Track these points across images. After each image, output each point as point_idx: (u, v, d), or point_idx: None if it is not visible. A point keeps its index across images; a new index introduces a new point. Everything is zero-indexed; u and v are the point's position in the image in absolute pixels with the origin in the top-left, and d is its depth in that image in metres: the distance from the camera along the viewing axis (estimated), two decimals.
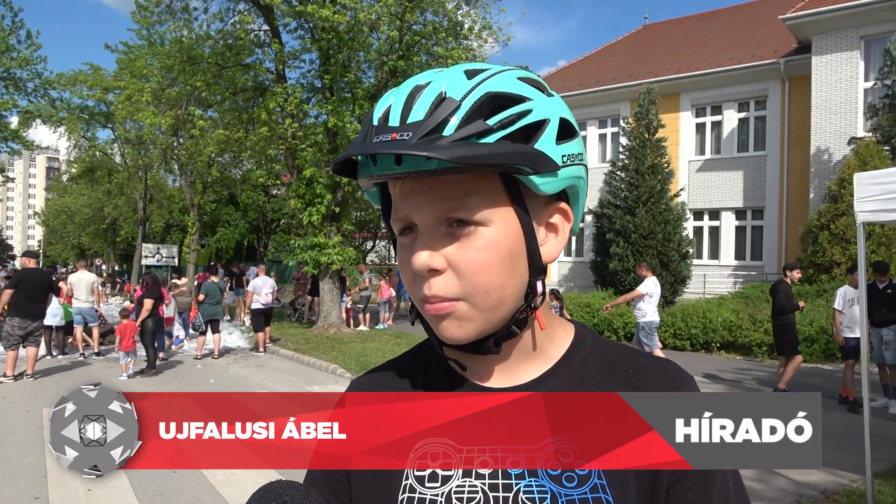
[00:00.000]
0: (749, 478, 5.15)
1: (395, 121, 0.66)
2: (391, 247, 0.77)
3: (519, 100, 0.68)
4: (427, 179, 0.66)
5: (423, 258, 0.67)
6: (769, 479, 5.14)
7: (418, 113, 0.65)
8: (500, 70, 0.70)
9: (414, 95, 0.67)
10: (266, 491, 0.66)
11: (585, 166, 0.76)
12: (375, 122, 0.67)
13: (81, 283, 11.46)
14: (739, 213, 18.77)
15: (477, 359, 0.76)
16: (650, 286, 9.03)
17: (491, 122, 0.65)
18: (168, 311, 12.20)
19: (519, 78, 0.70)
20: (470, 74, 0.68)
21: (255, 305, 12.34)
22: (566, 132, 0.71)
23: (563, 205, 0.75)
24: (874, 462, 4.45)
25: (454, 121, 0.64)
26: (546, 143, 0.68)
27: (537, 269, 0.72)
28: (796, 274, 8.70)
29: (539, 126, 0.68)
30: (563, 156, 0.70)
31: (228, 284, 17.88)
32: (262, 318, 12.41)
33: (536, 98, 0.69)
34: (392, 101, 0.68)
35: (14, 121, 27.77)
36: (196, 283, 17.69)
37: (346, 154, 0.67)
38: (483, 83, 0.67)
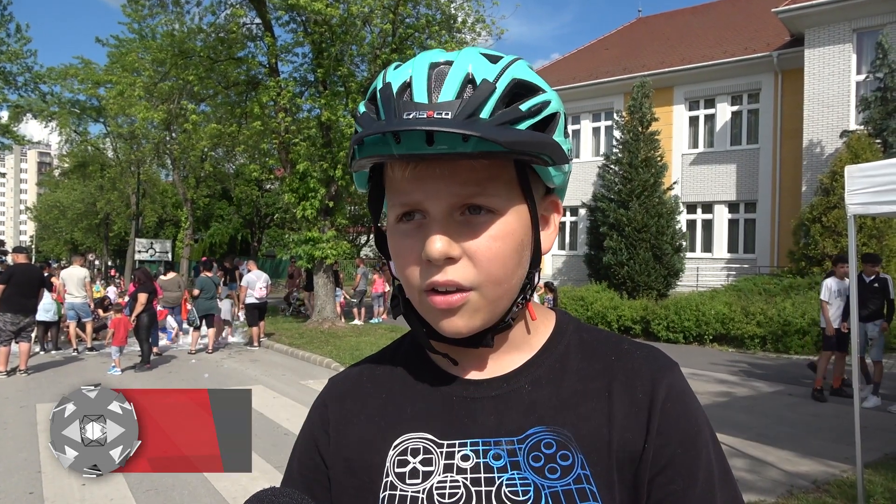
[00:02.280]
0: (740, 468, 5.19)
1: (421, 97, 0.63)
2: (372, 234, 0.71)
3: (538, 90, 0.67)
4: (447, 163, 0.64)
5: (439, 246, 0.64)
6: (760, 469, 5.19)
7: (449, 92, 0.63)
8: (515, 58, 0.69)
9: (432, 73, 0.64)
10: (259, 498, 0.65)
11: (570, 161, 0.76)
12: (396, 98, 0.64)
13: (73, 278, 11.40)
14: (732, 207, 18.84)
15: (465, 352, 0.74)
16: None
17: (523, 107, 0.64)
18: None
19: (529, 67, 0.70)
20: (491, 59, 0.67)
21: (249, 300, 12.31)
22: (565, 127, 0.71)
23: (556, 198, 0.75)
24: (865, 453, 4.49)
25: (491, 104, 0.62)
26: (558, 135, 0.68)
27: (536, 260, 0.72)
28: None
29: (552, 118, 0.68)
30: (567, 150, 0.70)
31: (222, 279, 17.82)
32: (257, 313, 12.39)
33: (548, 90, 0.69)
34: (410, 75, 0.65)
35: (4, 115, 27.57)
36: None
37: (385, 128, 0.61)
38: (509, 68, 0.66)
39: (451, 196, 0.65)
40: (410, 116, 0.61)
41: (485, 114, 0.62)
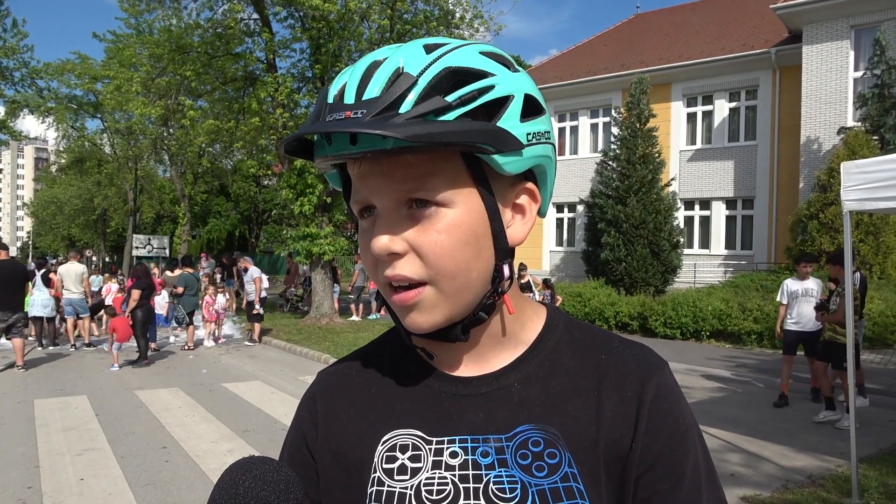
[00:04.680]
0: (736, 463, 5.22)
1: (350, 98, 0.62)
2: (356, 231, 0.74)
3: (480, 75, 0.63)
4: (385, 160, 0.63)
5: (382, 242, 0.64)
6: (756, 464, 5.21)
7: (374, 89, 0.61)
8: (462, 44, 0.66)
9: (370, 71, 0.63)
10: (238, 466, 0.65)
11: (553, 145, 0.72)
12: (330, 100, 0.64)
13: (70, 274, 11.37)
14: (730, 203, 18.86)
15: (445, 346, 0.73)
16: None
17: (450, 98, 0.61)
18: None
19: (481, 52, 0.66)
20: (429, 49, 0.64)
21: (252, 296, 12.30)
22: (532, 109, 0.67)
23: (530, 185, 0.71)
24: (859, 448, 4.52)
25: (411, 97, 0.60)
26: (509, 120, 0.64)
27: (503, 251, 0.68)
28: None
29: (502, 103, 0.64)
30: (528, 134, 0.66)
31: (220, 276, 17.81)
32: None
33: (500, 73, 0.65)
34: (348, 77, 0.64)
35: (1, 111, 27.50)
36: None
37: (297, 134, 0.63)
38: (442, 58, 0.63)
39: (391, 192, 0.65)
40: (332, 118, 0.61)
41: (404, 108, 0.60)
